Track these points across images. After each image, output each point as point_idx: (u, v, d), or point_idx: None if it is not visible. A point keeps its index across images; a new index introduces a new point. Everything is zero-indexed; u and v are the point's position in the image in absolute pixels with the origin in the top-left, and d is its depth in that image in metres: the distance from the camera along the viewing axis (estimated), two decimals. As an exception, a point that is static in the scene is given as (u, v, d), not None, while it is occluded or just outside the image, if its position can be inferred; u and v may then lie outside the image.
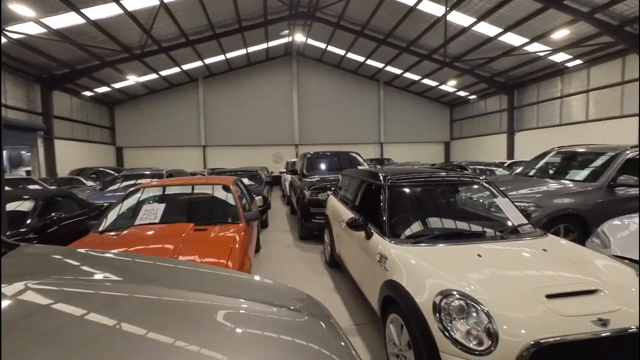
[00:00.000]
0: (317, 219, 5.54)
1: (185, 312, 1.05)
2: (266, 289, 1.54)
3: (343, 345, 1.06)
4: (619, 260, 2.79)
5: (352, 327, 2.99)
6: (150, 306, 1.07)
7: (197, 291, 1.24)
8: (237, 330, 1.01)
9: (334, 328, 1.19)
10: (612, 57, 12.07)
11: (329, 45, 18.28)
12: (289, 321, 1.16)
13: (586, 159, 5.50)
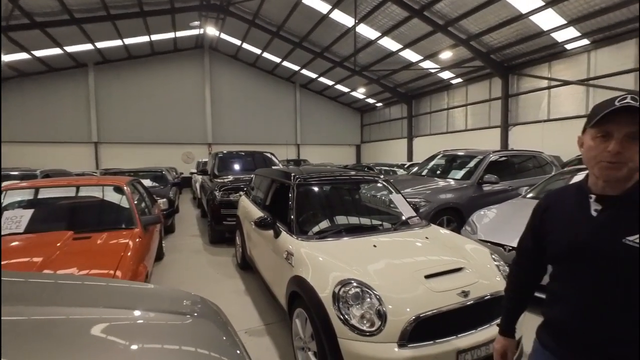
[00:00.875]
0: (229, 221, 5.33)
1: (60, 330, 0.94)
2: (156, 296, 1.42)
3: (233, 345, 1.04)
4: (481, 243, 3.41)
5: (261, 327, 2.96)
6: (16, 328, 0.91)
7: (77, 306, 1.14)
8: (120, 343, 0.93)
9: (225, 328, 1.16)
10: (483, 78, 14.72)
11: (244, 43, 17.81)
12: (177, 326, 1.09)
13: (463, 161, 6.56)
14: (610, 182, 0.94)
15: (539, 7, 9.80)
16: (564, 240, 1.01)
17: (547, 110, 12.46)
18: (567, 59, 11.69)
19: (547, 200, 1.14)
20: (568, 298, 1.01)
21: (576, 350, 0.98)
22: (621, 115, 0.87)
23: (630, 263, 0.88)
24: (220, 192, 5.61)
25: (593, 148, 0.94)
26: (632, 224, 0.89)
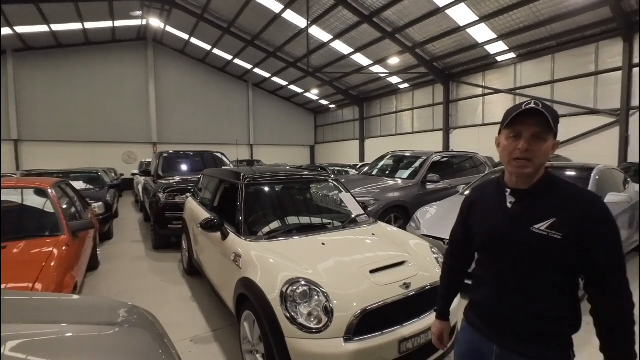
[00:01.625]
0: (175, 225, 5.02)
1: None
2: (82, 307, 1.29)
3: (168, 357, 0.98)
4: (424, 238, 3.63)
5: (209, 334, 2.84)
6: None
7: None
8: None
9: (161, 339, 1.09)
10: (427, 84, 15.73)
11: (192, 37, 16.98)
12: (102, 338, 1.00)
13: (409, 162, 6.93)
14: (521, 176, 1.05)
15: (474, 22, 10.75)
16: (485, 230, 1.13)
17: (482, 116, 13.70)
18: (498, 70, 12.98)
19: (472, 195, 1.26)
20: (489, 282, 1.13)
21: (495, 326, 1.10)
22: (528, 118, 0.99)
23: (537, 248, 1.00)
24: (164, 194, 5.27)
25: (507, 147, 1.04)
26: (538, 214, 1.01)
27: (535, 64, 11.83)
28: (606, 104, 10.19)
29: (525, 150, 0.99)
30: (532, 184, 1.05)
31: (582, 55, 10.63)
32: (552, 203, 1.01)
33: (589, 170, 4.33)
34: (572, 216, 0.97)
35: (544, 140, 1.00)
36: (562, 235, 0.96)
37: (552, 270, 1.00)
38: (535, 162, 1.00)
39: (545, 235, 0.98)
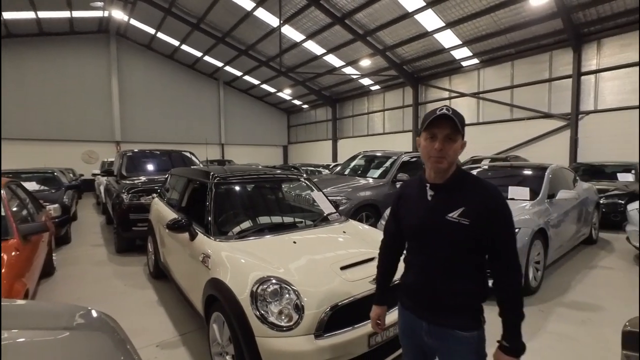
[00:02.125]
0: (140, 227, 4.80)
1: None
2: (37, 312, 1.20)
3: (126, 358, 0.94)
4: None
5: (176, 338, 2.74)
6: None
7: None
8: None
9: (122, 344, 1.04)
10: (397, 86, 16.17)
11: (159, 32, 16.29)
12: (60, 342, 0.94)
13: (380, 161, 7.08)
14: (438, 172, 1.21)
15: (440, 27, 11.19)
16: (411, 220, 1.30)
17: (448, 118, 14.27)
18: (463, 74, 13.61)
19: (401, 190, 1.42)
20: (416, 266, 1.30)
21: (423, 304, 1.27)
22: (442, 121, 1.15)
23: (451, 233, 1.17)
24: (128, 195, 5.02)
25: (425, 147, 1.19)
26: (451, 204, 1.19)
27: (497, 69, 12.53)
28: (559, 108, 11.00)
29: (440, 150, 1.15)
30: (446, 178, 1.22)
31: (538, 62, 11.41)
32: (462, 194, 1.19)
33: (543, 169, 4.66)
34: (477, 205, 1.16)
35: (454, 141, 1.16)
36: (469, 221, 1.14)
37: (465, 251, 1.18)
38: (448, 159, 1.17)
39: (457, 222, 1.15)
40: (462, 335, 1.19)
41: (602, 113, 10.15)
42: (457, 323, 1.19)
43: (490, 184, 1.22)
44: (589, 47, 10.29)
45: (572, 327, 2.84)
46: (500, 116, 12.54)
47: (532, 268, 3.52)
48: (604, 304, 3.28)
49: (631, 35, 9.47)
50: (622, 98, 9.80)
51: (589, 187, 5.54)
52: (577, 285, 3.76)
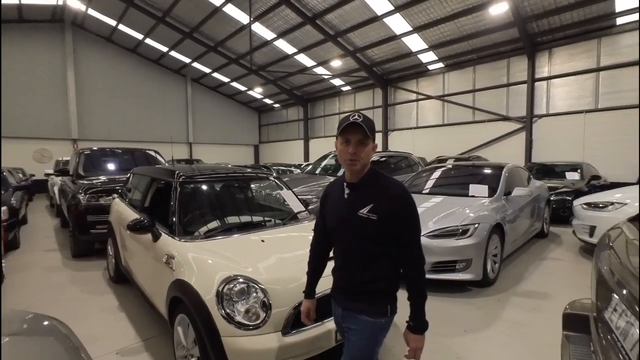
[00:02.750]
0: (98, 229, 4.54)
1: None
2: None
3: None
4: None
5: (138, 344, 2.62)
6: None
7: None
8: None
9: (72, 348, 0.99)
10: (368, 88, 16.49)
11: (120, 24, 15.44)
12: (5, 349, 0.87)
13: (351, 161, 7.19)
14: (353, 173, 1.34)
15: (408, 31, 11.57)
16: (332, 216, 1.44)
17: (416, 119, 14.80)
18: (429, 78, 14.15)
19: (326, 190, 1.54)
20: (337, 258, 1.45)
21: (340, 293, 1.43)
22: (354, 127, 1.27)
23: (362, 227, 1.30)
24: (86, 195, 4.72)
25: (342, 150, 1.31)
26: (362, 202, 1.31)
27: (460, 74, 13.16)
28: (515, 112, 11.75)
29: (353, 153, 1.28)
30: (359, 178, 1.34)
31: (497, 68, 12.12)
32: (372, 192, 1.32)
33: (500, 168, 4.96)
34: (384, 201, 1.29)
35: (365, 145, 1.29)
36: (377, 216, 1.27)
37: (375, 243, 1.31)
38: (361, 162, 1.30)
39: (367, 217, 1.28)
40: (367, 320, 1.32)
41: (553, 117, 10.99)
42: (365, 309, 1.33)
43: (398, 182, 1.37)
44: (541, 55, 11.09)
45: (525, 314, 3.06)
46: (464, 118, 13.18)
47: (490, 261, 3.74)
48: (553, 291, 3.56)
49: (578, 45, 10.33)
50: (570, 103, 10.66)
51: (541, 185, 5.98)
52: (530, 276, 4.05)
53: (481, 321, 2.94)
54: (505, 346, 2.55)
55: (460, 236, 3.55)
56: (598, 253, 1.34)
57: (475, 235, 3.55)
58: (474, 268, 3.52)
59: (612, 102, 9.86)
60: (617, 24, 9.51)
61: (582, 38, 10.16)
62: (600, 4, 8.91)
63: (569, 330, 1.45)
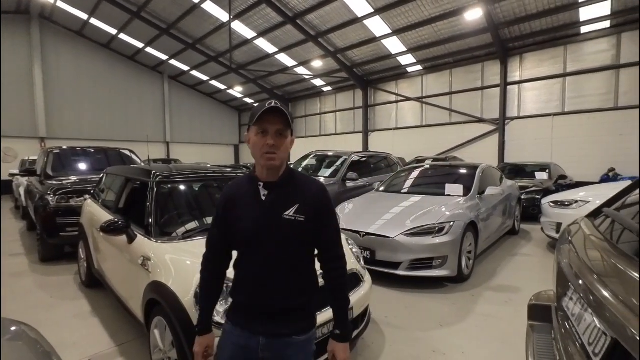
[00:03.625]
0: (69, 232, 4.35)
1: None
2: None
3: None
4: (342, 232, 3.85)
5: (112, 349, 2.54)
6: None
7: None
8: None
9: (43, 352, 0.96)
10: (348, 88, 16.65)
11: (92, 18, 14.81)
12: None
13: (331, 161, 7.25)
14: (271, 169, 1.15)
15: (388, 34, 11.78)
16: (246, 224, 1.16)
17: (396, 120, 15.09)
18: (408, 80, 14.47)
19: (227, 194, 1.24)
20: (252, 277, 1.17)
21: (260, 317, 1.16)
22: (272, 116, 1.11)
23: (290, 231, 1.14)
24: (55, 197, 4.51)
25: (257, 142, 1.13)
26: (286, 203, 1.16)
27: (437, 76, 13.54)
28: (489, 114, 12.23)
29: (272, 145, 1.11)
30: (279, 176, 1.18)
31: (472, 72, 12.56)
32: (295, 192, 1.18)
33: (475, 168, 5.16)
34: (309, 201, 1.17)
35: (285, 137, 1.14)
36: (304, 217, 1.14)
37: (300, 248, 1.18)
38: (281, 155, 1.13)
39: (294, 219, 1.14)
40: (298, 340, 1.16)
41: (524, 119, 11.52)
42: (293, 329, 1.16)
43: (317, 181, 1.26)
44: (513, 60, 11.59)
45: (497, 307, 3.20)
46: (441, 120, 13.57)
47: (464, 257, 3.89)
48: (523, 285, 3.75)
49: (547, 51, 10.88)
50: (539, 106, 11.21)
51: (512, 184, 6.26)
52: (502, 271, 4.24)
53: (456, 315, 3.05)
54: (477, 337, 2.66)
55: (436, 234, 3.66)
56: (559, 247, 1.44)
57: (450, 232, 3.67)
58: (450, 265, 3.65)
59: (577, 106, 10.45)
60: (581, 32, 10.09)
61: (550, 45, 10.71)
62: (565, 13, 9.43)
63: (534, 320, 1.54)
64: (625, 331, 0.71)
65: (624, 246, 1.02)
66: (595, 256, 1.06)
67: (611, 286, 0.86)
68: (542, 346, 1.34)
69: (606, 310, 0.81)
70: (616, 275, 0.92)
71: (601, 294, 0.86)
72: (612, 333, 0.77)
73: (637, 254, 0.93)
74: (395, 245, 3.64)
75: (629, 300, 0.77)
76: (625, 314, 0.73)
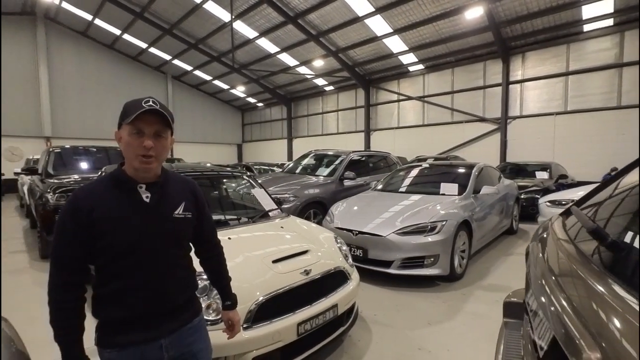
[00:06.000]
0: (68, 229, 4.43)
1: None
2: None
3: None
4: (337, 231, 3.88)
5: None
6: None
7: None
8: None
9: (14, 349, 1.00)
10: (350, 88, 16.64)
11: (97, 18, 14.98)
12: None
13: (330, 160, 7.25)
14: (147, 173, 1.09)
15: (389, 33, 11.76)
16: (126, 231, 1.05)
17: (397, 119, 15.06)
18: (410, 79, 14.42)
19: (86, 204, 1.04)
20: (145, 281, 1.08)
21: (154, 323, 1.11)
22: (149, 115, 1.03)
23: (181, 229, 1.17)
24: (55, 195, 4.59)
25: (131, 143, 1.04)
26: (173, 202, 1.16)
27: (439, 75, 13.48)
28: (491, 113, 12.15)
29: (150, 148, 1.04)
30: (158, 176, 1.14)
31: (474, 71, 12.49)
32: (176, 190, 1.19)
33: (471, 167, 5.15)
34: (191, 197, 1.24)
35: (164, 138, 1.08)
36: (191, 214, 1.21)
37: (187, 244, 1.26)
38: (159, 159, 1.09)
39: (183, 217, 1.17)
40: (197, 322, 1.25)
41: (526, 118, 11.43)
42: (190, 315, 1.22)
43: (190, 179, 1.30)
44: (515, 59, 11.51)
45: (486, 306, 3.21)
46: (443, 119, 13.51)
47: (457, 256, 3.89)
48: (516, 285, 3.71)
49: (549, 50, 10.78)
50: (541, 105, 11.11)
51: (510, 184, 6.22)
52: (496, 271, 4.23)
53: (445, 314, 3.06)
54: (463, 335, 2.67)
55: (428, 233, 3.67)
56: (531, 243, 1.45)
57: (442, 231, 3.68)
58: (441, 263, 3.65)
59: (579, 105, 10.35)
60: (584, 30, 9.98)
61: (553, 43, 10.61)
62: (568, 11, 9.34)
63: (508, 317, 1.56)
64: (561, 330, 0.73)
65: (581, 245, 1.03)
66: (553, 254, 1.08)
67: (562, 286, 0.88)
68: (511, 342, 1.35)
69: (548, 309, 0.82)
70: (568, 275, 0.93)
71: (549, 293, 0.88)
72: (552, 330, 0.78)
73: (591, 253, 0.94)
74: (387, 244, 3.65)
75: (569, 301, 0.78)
76: (561, 314, 0.75)
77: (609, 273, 0.78)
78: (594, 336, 0.61)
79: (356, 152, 7.30)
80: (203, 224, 1.29)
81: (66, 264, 1.04)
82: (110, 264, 1.06)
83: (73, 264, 1.04)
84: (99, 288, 1.08)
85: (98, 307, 1.09)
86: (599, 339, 0.60)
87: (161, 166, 1.16)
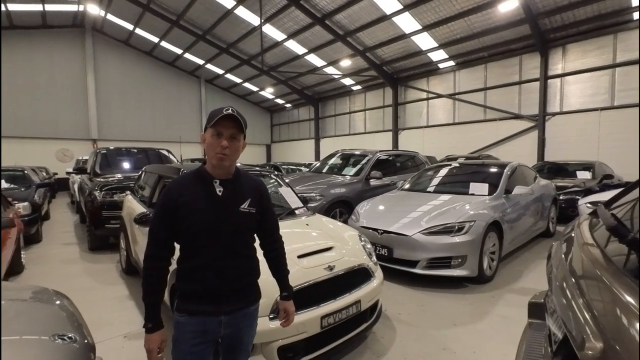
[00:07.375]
0: (112, 224, 4.82)
1: None
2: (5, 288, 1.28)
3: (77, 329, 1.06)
4: (362, 230, 3.92)
5: (144, 329, 2.82)
6: None
7: None
8: None
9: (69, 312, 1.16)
10: (378, 87, 16.48)
11: (137, 28, 15.99)
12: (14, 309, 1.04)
13: (357, 160, 7.27)
14: (222, 169, 1.30)
15: (417, 30, 11.53)
16: (202, 217, 1.26)
17: (426, 118, 14.71)
18: (440, 76, 14.03)
19: (175, 191, 1.28)
20: (209, 263, 1.27)
21: (221, 298, 1.29)
22: (227, 120, 1.25)
23: (245, 222, 1.35)
24: (101, 192, 5.01)
25: (212, 144, 1.25)
26: (240, 197, 1.34)
27: (471, 72, 13.00)
28: (528, 110, 11.54)
29: (225, 148, 1.24)
30: (231, 174, 1.34)
31: (509, 66, 11.92)
32: (244, 187, 1.37)
33: (503, 167, 4.96)
34: (257, 195, 1.39)
35: (238, 140, 1.29)
36: (255, 209, 1.36)
37: (251, 236, 1.41)
38: (232, 157, 1.28)
39: (247, 211, 1.34)
40: (253, 309, 1.40)
41: (567, 115, 10.74)
42: (248, 301, 1.38)
43: (258, 177, 1.50)
44: (555, 52, 10.85)
45: (516, 310, 3.10)
46: (474, 117, 13.02)
47: (487, 258, 3.78)
48: (550, 289, 3.57)
49: (592, 41, 10.07)
50: (583, 101, 10.40)
51: (547, 184, 5.91)
52: (529, 274, 4.06)
53: (472, 315, 3.00)
54: (490, 338, 2.61)
55: (456, 233, 3.61)
56: (554, 243, 1.42)
57: (470, 232, 3.60)
58: (469, 264, 3.57)
59: (628, 100, 9.57)
60: (634, 18, 9.22)
61: (597, 34, 9.89)
62: (615, -2, 8.67)
63: (533, 318, 1.54)
64: (571, 327, 0.74)
65: (604, 245, 1.02)
66: (576, 255, 1.06)
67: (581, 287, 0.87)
68: (534, 343, 1.34)
69: (562, 308, 0.83)
70: (588, 277, 0.93)
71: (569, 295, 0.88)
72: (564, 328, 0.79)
73: (614, 255, 0.93)
74: (413, 244, 3.63)
75: (588, 304, 0.78)
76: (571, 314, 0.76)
77: (630, 275, 0.77)
78: (606, 337, 0.62)
79: (383, 152, 7.26)
80: (266, 220, 1.43)
81: (157, 239, 1.30)
82: (189, 244, 1.29)
83: (162, 238, 1.29)
84: (181, 264, 1.32)
85: (179, 280, 1.33)
86: (612, 342, 0.60)
87: (235, 165, 1.34)
